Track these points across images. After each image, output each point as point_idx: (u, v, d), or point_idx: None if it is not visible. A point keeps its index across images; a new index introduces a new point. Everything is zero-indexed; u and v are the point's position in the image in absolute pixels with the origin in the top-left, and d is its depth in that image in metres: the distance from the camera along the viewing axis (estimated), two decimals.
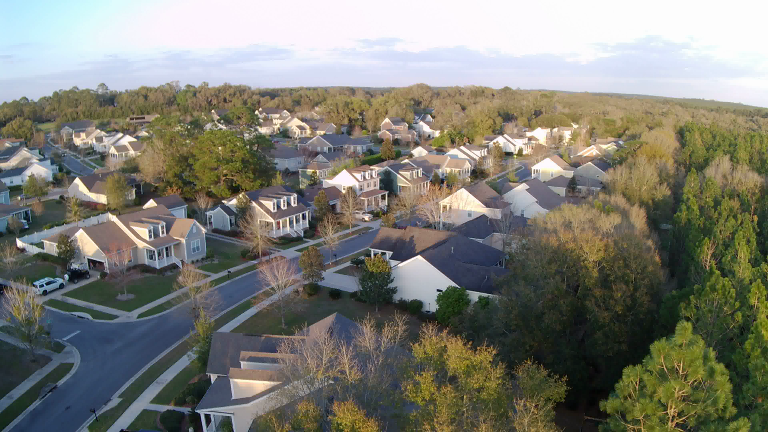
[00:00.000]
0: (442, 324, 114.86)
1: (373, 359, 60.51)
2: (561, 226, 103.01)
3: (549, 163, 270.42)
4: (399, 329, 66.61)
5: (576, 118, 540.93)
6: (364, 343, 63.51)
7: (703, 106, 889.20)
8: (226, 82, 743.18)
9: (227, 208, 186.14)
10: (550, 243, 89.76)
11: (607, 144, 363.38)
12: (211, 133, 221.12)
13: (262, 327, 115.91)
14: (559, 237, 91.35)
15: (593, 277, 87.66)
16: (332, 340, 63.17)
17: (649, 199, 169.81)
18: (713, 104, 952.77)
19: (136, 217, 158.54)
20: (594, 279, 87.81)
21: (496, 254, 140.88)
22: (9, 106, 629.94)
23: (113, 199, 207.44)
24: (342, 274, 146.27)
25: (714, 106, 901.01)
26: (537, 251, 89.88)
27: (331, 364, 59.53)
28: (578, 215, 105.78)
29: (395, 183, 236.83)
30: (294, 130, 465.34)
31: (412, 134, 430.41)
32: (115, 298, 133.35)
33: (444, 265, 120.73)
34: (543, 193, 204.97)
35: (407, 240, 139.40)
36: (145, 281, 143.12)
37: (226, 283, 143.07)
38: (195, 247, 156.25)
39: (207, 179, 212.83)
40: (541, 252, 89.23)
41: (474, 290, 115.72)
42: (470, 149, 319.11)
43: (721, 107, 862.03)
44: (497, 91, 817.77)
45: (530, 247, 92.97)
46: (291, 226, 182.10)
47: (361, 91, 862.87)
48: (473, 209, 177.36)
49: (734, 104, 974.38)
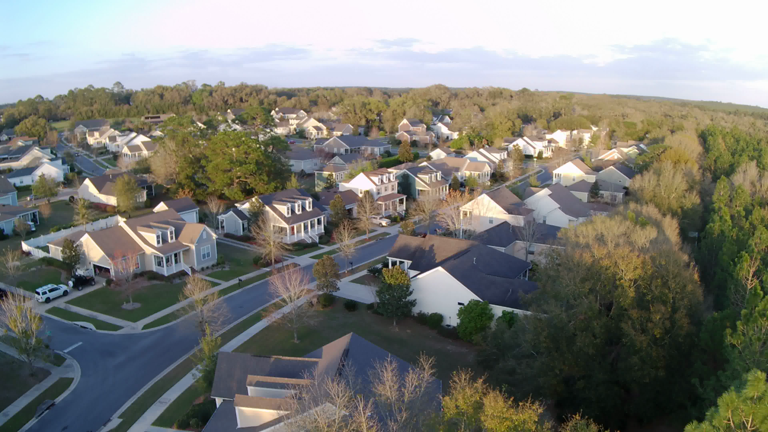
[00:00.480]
0: (464, 339, 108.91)
1: (394, 413, 52.70)
2: (594, 240, 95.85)
3: (571, 167, 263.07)
4: (425, 375, 56.45)
5: (595, 121, 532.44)
6: (384, 391, 54.30)
7: (721, 108, 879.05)
8: (243, 82, 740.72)
9: (240, 212, 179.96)
10: (584, 260, 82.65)
11: (629, 147, 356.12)
12: (224, 134, 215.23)
13: (272, 342, 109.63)
14: (592, 253, 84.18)
15: (629, 297, 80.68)
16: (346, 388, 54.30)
17: (678, 208, 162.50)
18: (731, 107, 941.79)
19: (145, 222, 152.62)
20: (630, 299, 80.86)
21: (520, 265, 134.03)
22: (24, 104, 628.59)
23: (123, 201, 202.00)
24: (358, 284, 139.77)
25: (732, 109, 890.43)
26: (569, 268, 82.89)
27: (345, 421, 51.45)
28: (612, 228, 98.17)
29: (413, 186, 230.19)
30: (310, 131, 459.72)
31: (430, 136, 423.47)
32: (120, 307, 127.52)
33: (466, 276, 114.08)
34: (565, 199, 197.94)
35: (426, 249, 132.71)
36: (152, 289, 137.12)
37: (237, 292, 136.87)
38: (205, 253, 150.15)
39: (220, 181, 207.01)
40: (574, 269, 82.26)
41: (498, 304, 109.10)
42: (490, 152, 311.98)
43: (739, 110, 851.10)
44: (515, 92, 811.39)
45: (562, 263, 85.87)
46: (305, 232, 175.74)
47: (379, 91, 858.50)
48: (495, 215, 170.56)
49: (752, 107, 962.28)
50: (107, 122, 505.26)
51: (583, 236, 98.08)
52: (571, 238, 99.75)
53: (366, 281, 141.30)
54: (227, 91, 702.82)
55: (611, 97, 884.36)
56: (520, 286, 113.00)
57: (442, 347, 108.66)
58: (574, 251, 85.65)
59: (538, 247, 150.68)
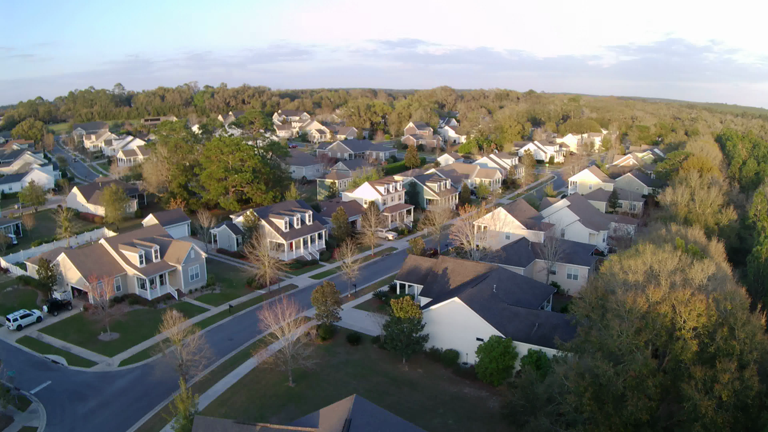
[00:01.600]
0: (483, 381, 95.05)
1: None
2: (643, 275, 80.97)
3: (587, 175, 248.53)
4: None
5: (604, 124, 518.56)
6: None
7: (728, 111, 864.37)
8: (245, 83, 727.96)
9: (234, 225, 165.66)
10: (638, 305, 67.99)
11: (643, 153, 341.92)
12: (219, 140, 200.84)
13: (264, 385, 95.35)
14: (647, 296, 69.49)
15: (691, 351, 66.29)
16: None
17: (713, 224, 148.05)
18: (737, 109, 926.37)
19: (127, 239, 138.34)
20: (692, 353, 66.50)
21: (544, 290, 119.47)
22: (24, 106, 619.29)
23: (111, 212, 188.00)
24: (362, 311, 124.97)
25: (739, 111, 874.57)
26: (620, 315, 68.43)
27: None
28: (666, 263, 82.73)
29: (421, 196, 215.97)
30: (313, 134, 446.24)
31: (437, 140, 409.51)
32: (96, 338, 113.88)
33: (485, 308, 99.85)
34: (585, 210, 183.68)
35: (439, 272, 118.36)
36: (134, 316, 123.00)
37: (227, 320, 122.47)
38: (193, 274, 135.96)
39: (214, 191, 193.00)
40: (626, 317, 67.83)
41: (522, 341, 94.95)
42: (500, 157, 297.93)
43: (747, 112, 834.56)
44: (522, 94, 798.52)
45: (610, 308, 71.08)
46: (305, 248, 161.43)
47: (383, 93, 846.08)
48: (512, 231, 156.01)
49: (757, 109, 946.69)
50: (106, 125, 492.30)
51: (632, 272, 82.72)
52: (617, 274, 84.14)
53: (371, 306, 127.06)
54: (229, 93, 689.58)
55: (618, 99, 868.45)
56: (547, 319, 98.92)
57: (458, 390, 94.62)
58: (625, 294, 70.84)
59: (560, 267, 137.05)
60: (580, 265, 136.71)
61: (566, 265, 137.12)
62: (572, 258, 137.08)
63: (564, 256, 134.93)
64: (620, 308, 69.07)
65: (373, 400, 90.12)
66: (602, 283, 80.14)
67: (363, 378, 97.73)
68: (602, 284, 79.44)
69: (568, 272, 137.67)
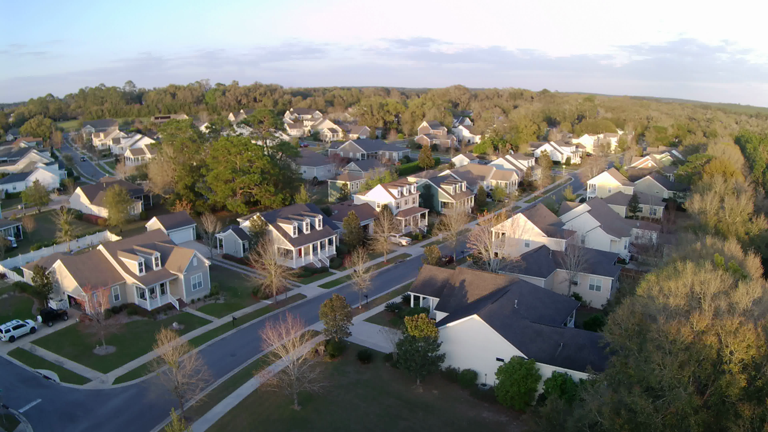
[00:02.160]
0: (503, 405, 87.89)
1: None
2: (684, 298, 72.80)
3: (606, 178, 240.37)
4: None
5: (620, 124, 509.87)
6: None
7: (741, 111, 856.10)
8: (257, 81, 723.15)
9: (240, 230, 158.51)
10: (683, 336, 60.15)
11: (661, 154, 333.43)
12: (226, 140, 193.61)
13: (268, 408, 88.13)
14: (692, 324, 61.58)
15: (738, 387, 58.60)
16: None
17: (743, 234, 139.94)
18: (750, 109, 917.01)
19: (127, 245, 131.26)
20: (739, 389, 58.80)
21: (567, 305, 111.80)
22: (34, 103, 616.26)
23: (114, 214, 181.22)
24: (374, 324, 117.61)
25: (752, 111, 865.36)
26: (661, 346, 60.73)
27: None
28: (708, 284, 74.69)
29: (436, 198, 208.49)
30: (325, 133, 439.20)
31: (451, 139, 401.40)
32: (92, 351, 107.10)
33: (506, 326, 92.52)
34: (605, 215, 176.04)
35: (456, 284, 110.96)
36: (132, 328, 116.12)
37: (230, 333, 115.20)
38: (196, 283, 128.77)
39: (221, 193, 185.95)
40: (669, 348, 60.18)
41: (546, 362, 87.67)
42: (516, 158, 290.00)
43: (761, 113, 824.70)
44: (536, 93, 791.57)
45: (650, 338, 63.18)
46: (314, 254, 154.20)
47: (396, 91, 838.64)
48: (531, 238, 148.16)
49: None
50: (116, 122, 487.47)
51: (672, 295, 74.43)
52: (656, 297, 75.70)
53: (383, 319, 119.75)
54: (241, 91, 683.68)
55: (632, 98, 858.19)
56: (572, 339, 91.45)
57: (476, 414, 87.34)
58: (668, 322, 62.99)
59: (582, 277, 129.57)
60: (603, 275, 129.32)
61: (588, 276, 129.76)
62: (595, 268, 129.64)
63: (586, 266, 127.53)
64: (662, 338, 61.41)
65: (386, 425, 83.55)
66: (640, 307, 72.34)
67: (374, 400, 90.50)
68: (640, 308, 71.64)
69: (590, 283, 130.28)
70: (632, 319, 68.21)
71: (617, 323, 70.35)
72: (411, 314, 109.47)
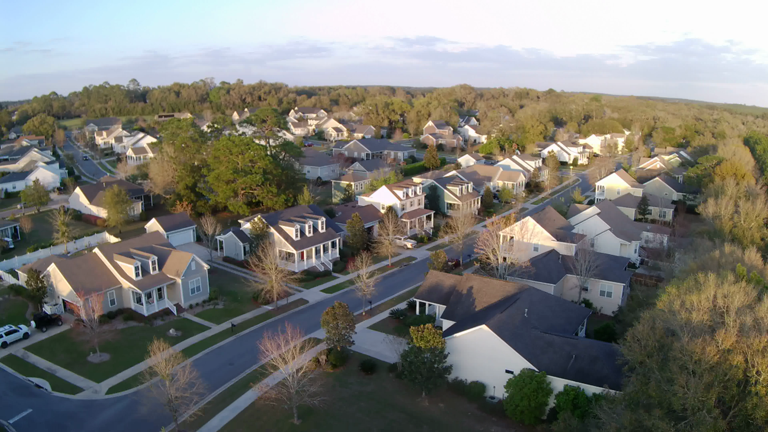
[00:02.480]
0: (512, 419, 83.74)
1: None
2: (707, 313, 68.13)
3: (615, 179, 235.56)
4: None
5: (626, 124, 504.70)
6: None
7: (746, 111, 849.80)
8: (261, 80, 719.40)
9: (241, 232, 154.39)
10: (708, 355, 55.72)
11: (669, 155, 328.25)
12: (228, 140, 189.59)
13: (265, 422, 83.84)
14: (717, 343, 57.03)
15: (765, 409, 54.19)
16: None
17: (759, 239, 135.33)
18: (756, 110, 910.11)
19: (123, 248, 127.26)
20: (766, 411, 54.47)
21: (578, 313, 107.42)
22: (38, 101, 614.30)
23: (113, 215, 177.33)
24: (378, 332, 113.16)
25: (758, 112, 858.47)
26: (685, 366, 56.28)
27: None
28: (733, 297, 68.73)
29: (442, 200, 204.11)
30: (330, 132, 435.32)
31: (457, 139, 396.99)
32: (85, 359, 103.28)
33: (516, 337, 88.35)
34: (615, 218, 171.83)
35: (464, 292, 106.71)
36: (127, 334, 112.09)
37: (228, 340, 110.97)
38: (194, 287, 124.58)
39: (222, 193, 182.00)
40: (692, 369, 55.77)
41: (558, 375, 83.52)
42: (522, 158, 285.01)
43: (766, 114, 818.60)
44: (542, 93, 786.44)
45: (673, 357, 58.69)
46: (317, 258, 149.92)
47: (402, 90, 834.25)
48: (540, 242, 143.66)
49: None
50: (119, 120, 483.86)
51: (696, 310, 69.22)
52: (678, 312, 70.61)
53: (388, 327, 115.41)
54: (245, 89, 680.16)
55: (638, 98, 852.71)
56: (585, 350, 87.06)
57: (484, 429, 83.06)
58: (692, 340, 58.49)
59: (593, 283, 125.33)
60: (615, 281, 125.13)
61: (599, 282, 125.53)
62: (606, 273, 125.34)
63: (597, 272, 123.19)
64: (686, 358, 57.08)
65: None
66: (660, 322, 67.85)
67: (377, 414, 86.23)
68: (660, 324, 67.19)
69: (601, 289, 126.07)
70: (653, 336, 63.85)
71: (637, 339, 66.01)
72: (416, 322, 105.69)
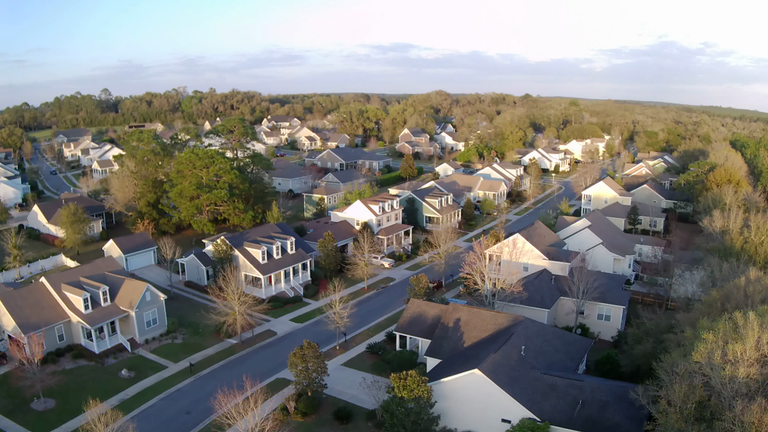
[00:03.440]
0: None
1: None
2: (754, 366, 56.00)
3: (602, 187, 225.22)
4: None
5: (606, 128, 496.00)
6: None
7: (723, 113, 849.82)
8: (234, 88, 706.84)
9: (204, 255, 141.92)
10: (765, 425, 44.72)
11: (654, 160, 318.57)
12: (191, 153, 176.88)
13: None
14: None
15: None
16: None
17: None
18: (732, 112, 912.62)
19: (72, 277, 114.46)
20: None
21: (579, 345, 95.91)
22: (9, 112, 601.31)
23: (70, 235, 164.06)
24: (354, 369, 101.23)
25: (735, 114, 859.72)
26: None
27: None
28: None
29: (420, 213, 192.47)
30: (303, 141, 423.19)
31: (434, 147, 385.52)
32: (29, 405, 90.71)
33: (514, 380, 77.02)
34: (606, 231, 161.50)
35: (450, 324, 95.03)
36: (76, 375, 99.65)
37: (187, 383, 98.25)
38: (150, 320, 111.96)
39: (186, 210, 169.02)
40: None
41: (563, 425, 72.32)
42: (503, 167, 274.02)
43: (744, 115, 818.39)
44: (518, 98, 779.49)
45: (725, 430, 47.73)
46: (287, 282, 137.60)
47: (377, 98, 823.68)
48: (531, 261, 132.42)
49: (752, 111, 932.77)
50: (89, 132, 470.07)
51: (741, 362, 57.21)
52: (721, 367, 58.38)
53: (365, 363, 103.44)
54: (218, 98, 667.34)
55: (616, 102, 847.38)
56: (593, 394, 75.72)
57: None
58: (747, 406, 47.52)
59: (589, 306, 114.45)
60: (614, 303, 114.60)
61: (597, 305, 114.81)
62: (604, 295, 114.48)
63: (594, 293, 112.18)
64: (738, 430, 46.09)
65: None
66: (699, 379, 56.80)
67: None
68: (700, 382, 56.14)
69: (599, 312, 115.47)
70: (693, 398, 52.86)
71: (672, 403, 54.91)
72: (397, 359, 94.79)
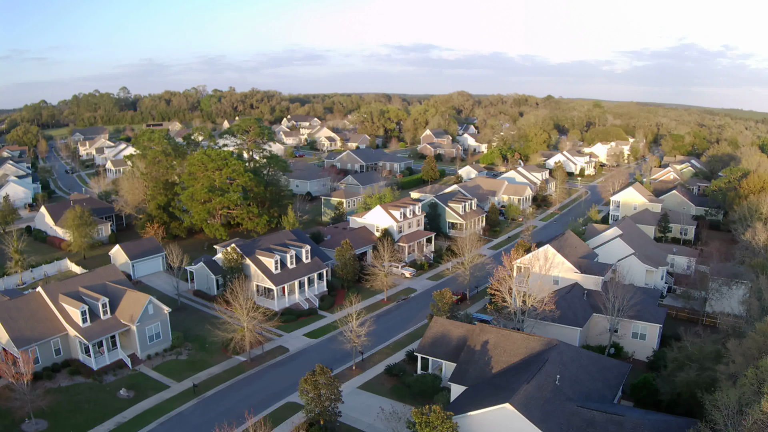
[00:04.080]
0: None
1: None
2: None
3: (631, 193, 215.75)
4: None
5: (629, 131, 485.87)
6: None
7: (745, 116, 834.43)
8: (254, 87, 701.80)
9: (213, 263, 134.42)
10: None
11: (681, 165, 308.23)
12: (203, 154, 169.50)
13: None
14: None
15: None
16: None
17: None
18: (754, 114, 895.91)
19: (71, 287, 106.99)
20: None
21: (617, 372, 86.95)
22: (27, 110, 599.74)
23: (76, 238, 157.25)
24: (370, 393, 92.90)
25: (758, 117, 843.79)
26: None
27: None
28: None
29: (443, 219, 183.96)
30: (323, 142, 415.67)
31: (456, 149, 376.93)
32: (19, 427, 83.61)
33: (548, 416, 68.70)
34: (637, 240, 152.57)
35: (477, 347, 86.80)
36: (71, 394, 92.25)
37: (190, 405, 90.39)
38: (153, 334, 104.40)
39: (197, 214, 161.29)
40: None
41: None
42: (528, 170, 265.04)
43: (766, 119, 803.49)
44: (541, 99, 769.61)
45: None
46: (301, 293, 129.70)
47: (398, 98, 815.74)
48: (561, 274, 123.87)
49: None
50: (106, 130, 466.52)
51: None
52: None
53: (383, 387, 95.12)
54: (237, 97, 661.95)
55: (638, 105, 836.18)
56: (635, 429, 67.67)
57: None
58: None
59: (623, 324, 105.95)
60: (650, 322, 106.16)
61: (632, 322, 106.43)
62: (640, 312, 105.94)
63: (629, 310, 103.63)
64: None
65: None
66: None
67: None
68: None
69: (634, 331, 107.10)
70: None
71: None
72: (417, 382, 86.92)
